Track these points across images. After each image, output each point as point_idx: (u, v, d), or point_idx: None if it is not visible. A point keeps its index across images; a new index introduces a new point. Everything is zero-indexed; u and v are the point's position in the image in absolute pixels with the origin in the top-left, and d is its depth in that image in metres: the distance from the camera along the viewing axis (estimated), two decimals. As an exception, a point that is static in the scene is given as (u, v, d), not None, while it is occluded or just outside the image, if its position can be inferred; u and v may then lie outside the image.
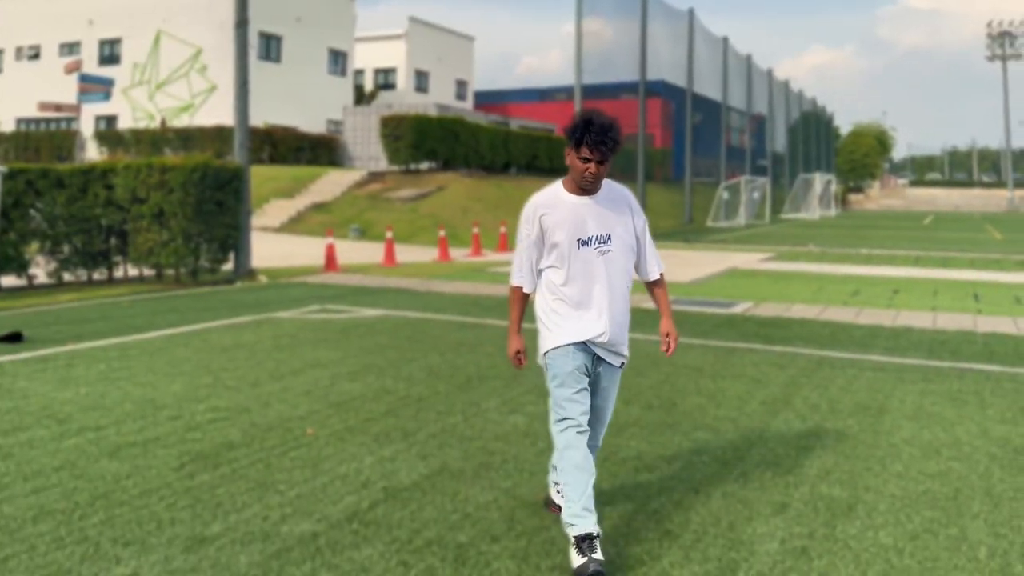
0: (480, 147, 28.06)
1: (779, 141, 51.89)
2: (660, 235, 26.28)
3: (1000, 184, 78.25)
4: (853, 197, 66.97)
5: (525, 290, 3.36)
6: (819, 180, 46.18)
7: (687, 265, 15.56)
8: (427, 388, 5.85)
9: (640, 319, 9.21)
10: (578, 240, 3.18)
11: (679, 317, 9.19)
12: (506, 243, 19.07)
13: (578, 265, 3.20)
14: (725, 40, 40.03)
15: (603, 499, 3.84)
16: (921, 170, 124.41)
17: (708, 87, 38.64)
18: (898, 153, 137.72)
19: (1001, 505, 3.75)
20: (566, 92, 51.28)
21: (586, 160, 3.12)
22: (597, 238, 3.19)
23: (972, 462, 4.35)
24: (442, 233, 16.93)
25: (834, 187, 52.38)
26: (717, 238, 24.91)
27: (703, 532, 3.49)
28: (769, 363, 6.80)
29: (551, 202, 3.24)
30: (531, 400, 5.53)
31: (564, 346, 3.23)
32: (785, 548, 3.34)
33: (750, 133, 45.59)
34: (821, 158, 60.71)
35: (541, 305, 3.33)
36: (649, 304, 8.40)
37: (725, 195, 34.93)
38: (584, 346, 3.23)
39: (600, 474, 4.21)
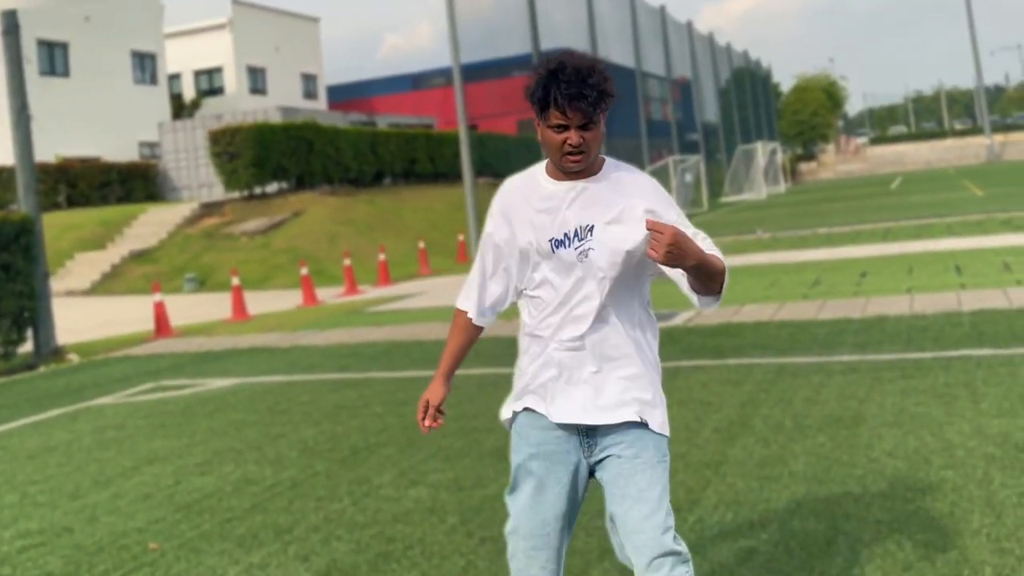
0: (342, 156, 27.97)
1: (709, 109, 53.39)
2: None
3: (976, 130, 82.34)
4: (804, 166, 69.27)
5: (470, 316, 3.02)
6: (762, 150, 47.77)
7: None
8: (301, 470, 5.81)
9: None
10: (551, 241, 2.74)
11: None
12: (387, 274, 19.03)
13: (549, 277, 2.80)
14: None
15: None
16: (882, 124, 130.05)
17: (617, 51, 39.36)
18: (853, 107, 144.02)
19: (1004, 515, 3.97)
20: (445, 75, 51.43)
21: (560, 128, 2.64)
22: (578, 233, 2.72)
23: (968, 468, 4.59)
24: (304, 271, 16.76)
25: (780, 157, 54.35)
26: (648, 235, 25.47)
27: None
28: (721, 381, 7.02)
29: (524, 189, 2.84)
30: (435, 467, 5.56)
31: (523, 412, 2.86)
32: (756, 604, 3.45)
33: (674, 103, 46.72)
34: (762, 123, 62.75)
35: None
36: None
37: None
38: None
39: None
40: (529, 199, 2.80)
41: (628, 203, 2.71)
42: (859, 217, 23.02)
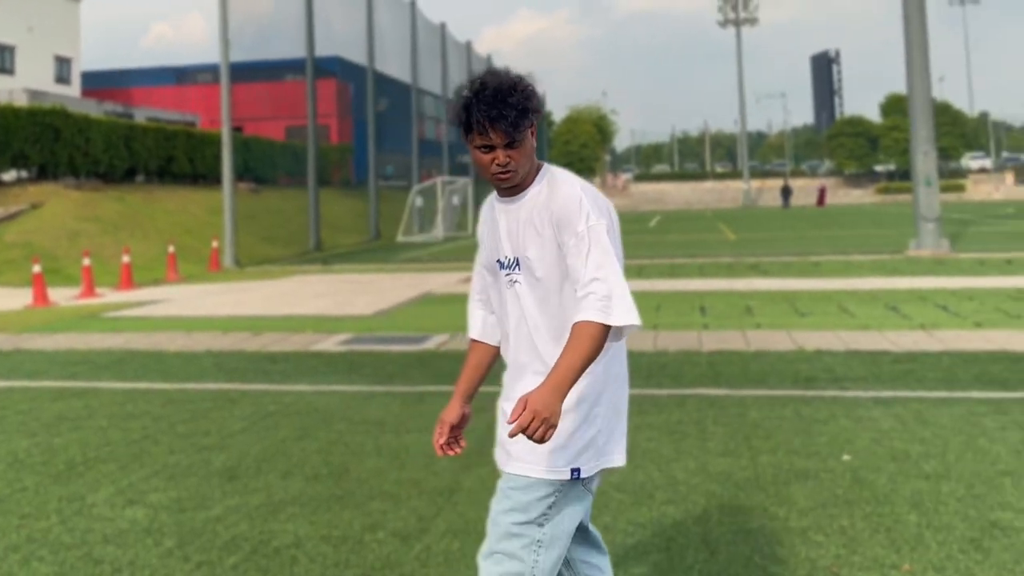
0: (92, 148, 26.62)
1: (483, 132, 54.76)
2: (339, 257, 26.50)
3: (735, 174, 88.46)
4: (571, 198, 72.15)
5: (472, 336, 3.09)
6: (533, 179, 49.28)
7: (372, 293, 15.88)
8: (7, 484, 5.51)
9: (313, 364, 9.21)
10: (497, 262, 2.87)
11: (358, 363, 9.28)
12: (131, 278, 18.17)
13: (497, 301, 2.93)
14: (413, 5, 41.16)
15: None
16: (648, 161, 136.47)
17: (395, 65, 39.61)
18: (621, 142, 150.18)
19: (718, 552, 4.22)
20: (212, 71, 49.84)
21: (486, 149, 2.70)
22: (508, 261, 2.83)
23: (689, 504, 4.86)
24: (37, 268, 15.70)
25: (550, 186, 56.25)
26: (410, 256, 25.70)
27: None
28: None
29: (485, 210, 2.96)
30: (157, 486, 5.38)
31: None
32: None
33: (448, 122, 47.59)
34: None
35: None
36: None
37: (419, 201, 36.06)
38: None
39: (245, 573, 4.15)
40: (487, 218, 2.94)
41: (537, 221, 2.76)
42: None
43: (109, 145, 27.31)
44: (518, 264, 2.79)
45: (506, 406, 2.96)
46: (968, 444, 5.78)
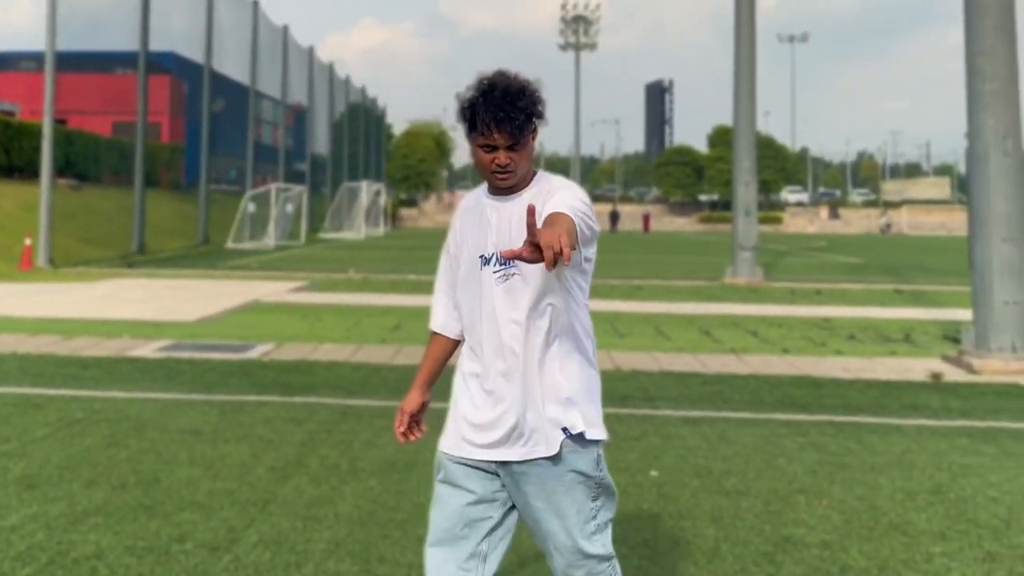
0: None
1: (321, 140, 53.87)
2: (164, 261, 25.70)
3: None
4: (406, 212, 71.96)
5: (434, 327, 3.14)
6: (367, 190, 49.07)
7: (196, 299, 15.52)
8: None
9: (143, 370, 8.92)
10: (481, 257, 2.89)
11: (177, 371, 9.09)
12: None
13: (470, 295, 2.93)
14: (255, 5, 40.34)
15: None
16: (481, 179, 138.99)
17: (234, 66, 38.64)
18: (460, 160, 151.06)
19: (527, 563, 4.34)
20: (37, 59, 47.29)
21: (488, 148, 2.80)
22: (498, 258, 2.84)
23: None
24: None
25: (384, 199, 56.07)
26: (239, 263, 25.19)
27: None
28: (285, 418, 7.05)
29: (470, 204, 2.99)
30: None
31: (445, 454, 3.08)
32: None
33: (285, 128, 46.58)
34: (371, 163, 64.35)
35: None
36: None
37: (252, 207, 35.48)
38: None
39: None
40: (470, 212, 2.98)
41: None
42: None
43: (-87, 132, 25.64)
44: (511, 261, 2.77)
45: (475, 414, 2.99)
46: (768, 463, 6.12)
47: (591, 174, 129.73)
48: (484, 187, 2.98)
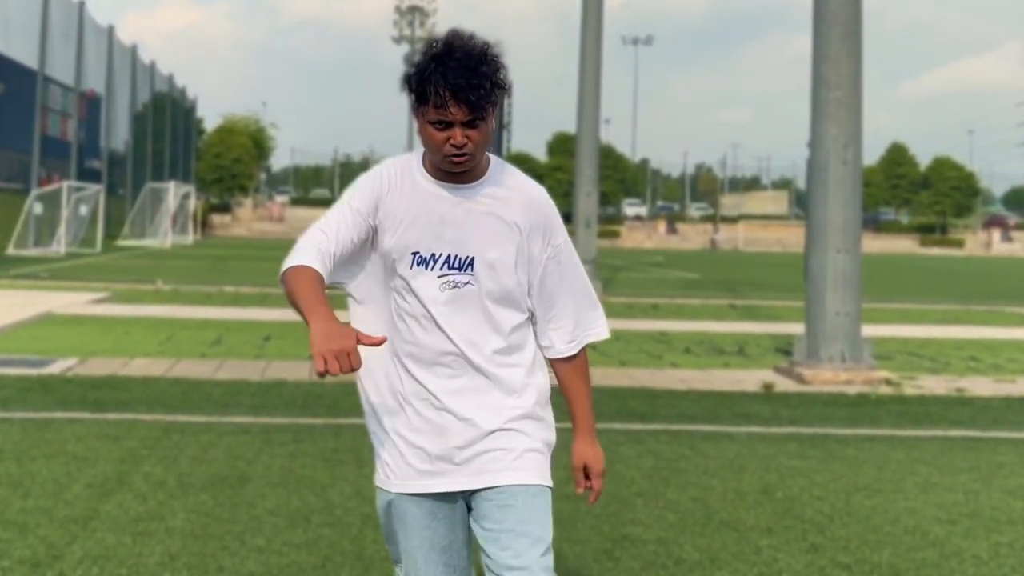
0: None
1: (120, 134, 52.22)
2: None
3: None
4: (218, 218, 70.28)
5: (305, 261, 2.55)
6: (174, 192, 47.93)
7: (-22, 309, 15.01)
8: None
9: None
10: (413, 255, 2.65)
11: None
12: None
13: (413, 300, 2.68)
14: None
15: None
16: (307, 184, 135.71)
17: (17, 44, 37.01)
18: (279, 160, 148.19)
19: (372, 568, 4.68)
20: None
21: (441, 125, 2.52)
22: (449, 260, 2.64)
23: (344, 526, 5.29)
24: None
25: (194, 203, 54.78)
26: (24, 271, 24.43)
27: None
28: (100, 435, 7.11)
29: (398, 178, 2.70)
30: None
31: (396, 496, 2.76)
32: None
33: (78, 120, 44.94)
34: (178, 161, 62.75)
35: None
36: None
37: (38, 208, 34.51)
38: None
39: None
40: (401, 189, 2.68)
41: (513, 231, 2.68)
42: (268, 280, 24.17)
43: None
44: (471, 265, 2.65)
45: (420, 440, 2.71)
46: (607, 469, 6.58)
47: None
48: (415, 161, 2.73)
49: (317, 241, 2.60)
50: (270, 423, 7.83)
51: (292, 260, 2.56)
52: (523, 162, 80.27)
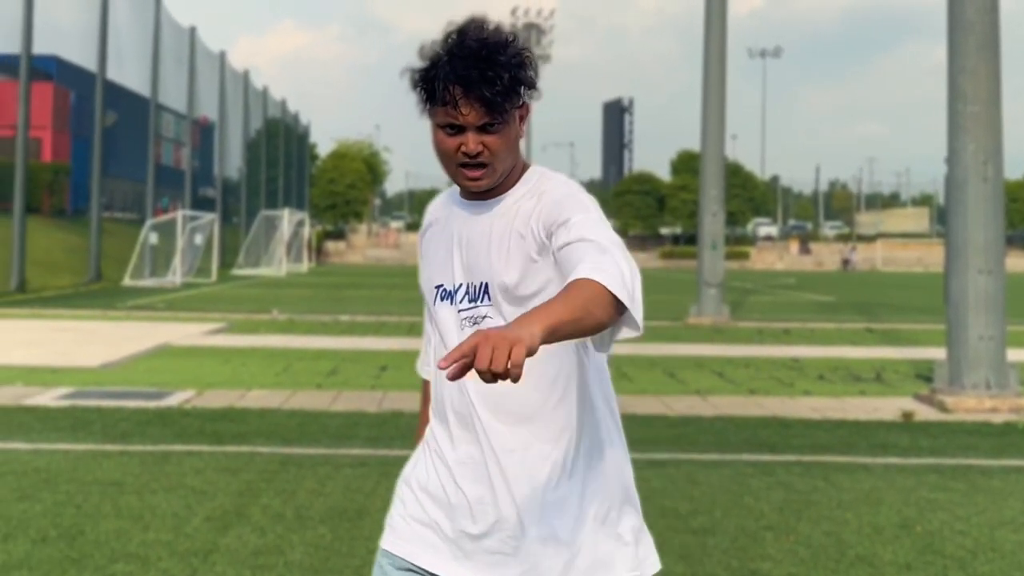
0: None
1: (234, 161, 53.19)
2: (52, 299, 25.57)
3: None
4: (332, 245, 71.44)
5: (421, 373, 2.73)
6: (288, 220, 48.75)
7: (96, 342, 15.64)
8: None
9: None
10: (438, 289, 2.40)
11: (86, 420, 9.27)
12: None
13: (443, 342, 2.40)
14: (157, 2, 39.57)
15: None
16: (422, 208, 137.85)
17: (131, 73, 38.02)
18: (393, 185, 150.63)
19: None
20: None
21: (452, 130, 2.24)
22: (467, 290, 2.33)
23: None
24: None
25: (308, 231, 55.77)
26: (141, 303, 25.21)
27: None
28: (217, 468, 7.36)
29: (437, 215, 2.52)
30: None
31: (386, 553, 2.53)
32: None
33: (192, 147, 45.91)
34: (292, 188, 63.80)
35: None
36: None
37: (153, 239, 35.21)
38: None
39: None
40: (438, 221, 2.49)
41: (521, 231, 2.29)
42: (384, 307, 24.61)
43: None
44: (486, 294, 2.30)
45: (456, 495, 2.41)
46: (735, 502, 6.70)
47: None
48: (453, 189, 2.48)
49: (425, 342, 2.63)
50: (388, 455, 7.99)
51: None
52: (646, 182, 79.79)
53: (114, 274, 33.72)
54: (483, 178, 2.26)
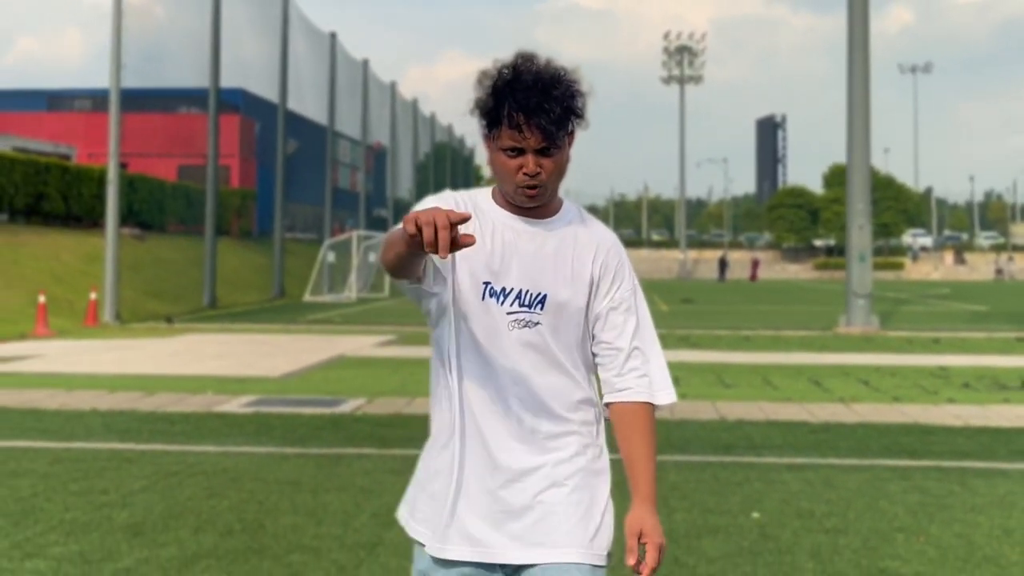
0: None
1: (404, 183, 54.05)
2: (239, 314, 26.50)
3: (673, 243, 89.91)
4: (496, 261, 72.16)
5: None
6: (455, 237, 49.28)
7: (278, 354, 16.18)
8: None
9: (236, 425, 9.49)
10: (486, 285, 2.47)
11: (268, 425, 9.61)
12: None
13: (476, 336, 2.49)
14: (333, 37, 40.36)
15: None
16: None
17: (310, 103, 38.87)
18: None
19: None
20: (92, 98, 46.60)
21: (513, 152, 2.39)
22: (520, 296, 2.46)
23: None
24: None
25: (472, 247, 56.40)
26: (319, 317, 25.88)
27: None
28: (384, 470, 7.59)
29: (471, 207, 2.51)
30: (56, 540, 5.68)
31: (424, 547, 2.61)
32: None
33: (365, 171, 46.85)
34: (458, 207, 64.99)
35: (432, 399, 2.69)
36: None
37: (331, 257, 35.83)
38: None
39: None
40: (472, 219, 2.42)
41: (585, 270, 2.52)
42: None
43: (-33, 177, 25.70)
44: (541, 304, 2.47)
45: (496, 485, 2.52)
46: (869, 505, 6.64)
47: (698, 218, 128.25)
48: (482, 193, 2.59)
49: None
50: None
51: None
52: (799, 195, 78.26)
53: (295, 290, 34.53)
54: (539, 196, 2.42)
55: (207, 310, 27.38)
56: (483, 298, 2.46)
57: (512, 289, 2.46)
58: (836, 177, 74.26)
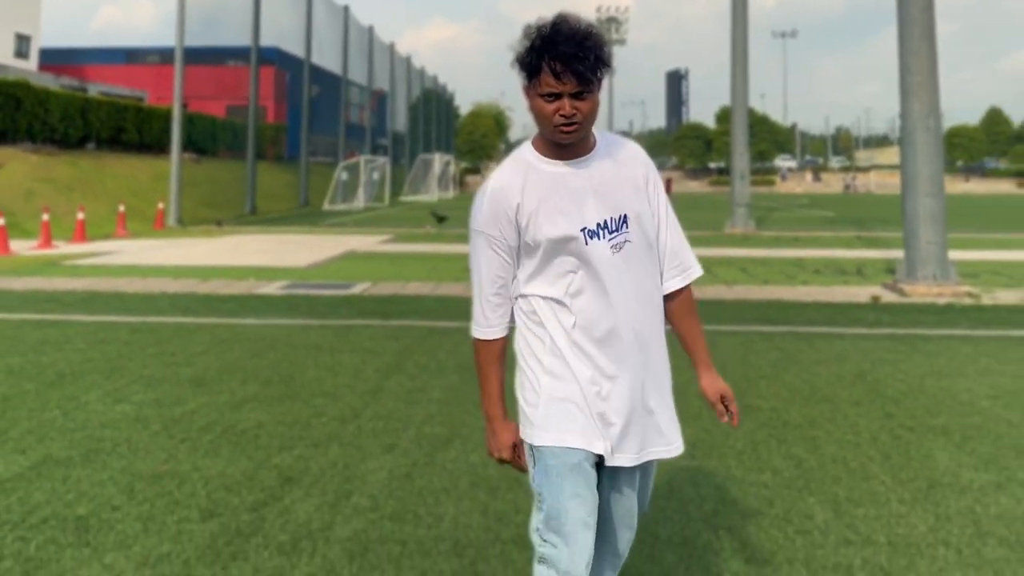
0: (50, 117, 24.86)
1: (400, 120, 53.67)
2: (274, 219, 26.31)
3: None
4: (471, 178, 71.90)
5: (493, 336, 2.31)
6: (439, 160, 48.95)
7: (304, 250, 16.04)
8: (11, 388, 5.68)
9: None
10: (584, 231, 2.19)
11: (296, 304, 9.58)
12: (84, 232, 17.64)
13: (589, 277, 2.22)
14: (346, 9, 40.33)
15: (221, 459, 4.33)
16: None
17: (328, 58, 38.62)
18: (515, 134, 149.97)
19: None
20: (160, 53, 47.06)
21: (551, 97, 2.14)
22: (607, 224, 2.21)
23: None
24: (1, 221, 15.09)
25: (453, 168, 56.17)
26: (335, 221, 25.61)
27: (321, 475, 4.18)
28: (384, 336, 7.63)
29: (521, 176, 2.23)
30: (138, 390, 5.68)
31: (565, 450, 2.21)
32: (392, 476, 4.18)
33: (370, 110, 46.44)
34: (441, 138, 64.15)
35: (524, 356, 2.30)
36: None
37: (343, 176, 35.47)
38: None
39: (219, 445, 4.59)
40: (531, 184, 2.22)
41: (642, 184, 2.30)
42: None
43: (66, 115, 25.43)
44: (625, 222, 2.23)
45: (609, 386, 2.25)
46: (742, 360, 6.75)
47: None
48: (527, 152, 2.27)
49: (485, 302, 2.32)
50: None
51: (476, 330, 2.34)
52: (698, 130, 78.05)
53: (317, 201, 34.29)
54: (575, 133, 2.16)
55: (248, 216, 27.24)
56: (586, 243, 2.19)
57: (602, 221, 2.21)
58: (725, 116, 74.09)
